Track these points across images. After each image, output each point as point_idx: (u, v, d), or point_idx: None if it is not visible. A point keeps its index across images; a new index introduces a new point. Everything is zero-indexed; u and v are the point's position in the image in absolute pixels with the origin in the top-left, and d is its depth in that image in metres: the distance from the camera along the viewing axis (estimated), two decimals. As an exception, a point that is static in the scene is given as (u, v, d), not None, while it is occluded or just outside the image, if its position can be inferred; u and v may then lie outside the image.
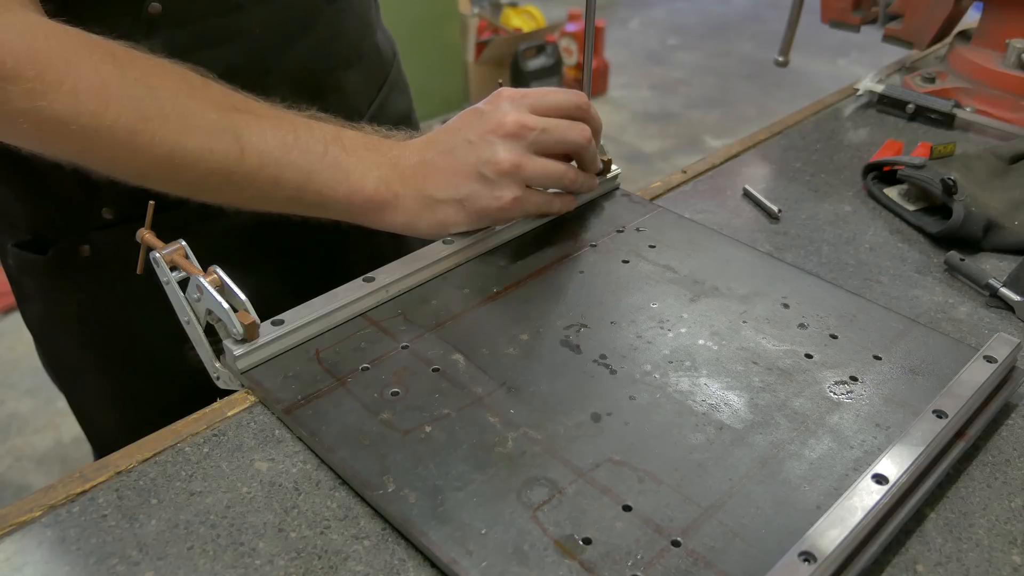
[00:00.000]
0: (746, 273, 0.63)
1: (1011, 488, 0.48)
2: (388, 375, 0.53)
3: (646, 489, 0.45)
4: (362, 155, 0.59)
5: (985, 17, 0.97)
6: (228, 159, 0.55)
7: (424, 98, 0.91)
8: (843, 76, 3.56)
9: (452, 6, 3.05)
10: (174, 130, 0.53)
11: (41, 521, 0.45)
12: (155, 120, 0.52)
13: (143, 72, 0.53)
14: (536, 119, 0.60)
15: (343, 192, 0.58)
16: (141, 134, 0.52)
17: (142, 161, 0.54)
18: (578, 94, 0.63)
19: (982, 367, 0.51)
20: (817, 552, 0.40)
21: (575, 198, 0.68)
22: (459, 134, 0.60)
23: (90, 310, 0.72)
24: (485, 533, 0.42)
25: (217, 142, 0.54)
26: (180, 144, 0.53)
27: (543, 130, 0.60)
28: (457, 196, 0.59)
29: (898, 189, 0.77)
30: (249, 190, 0.57)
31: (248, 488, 0.47)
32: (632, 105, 3.56)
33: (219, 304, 0.51)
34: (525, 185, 0.61)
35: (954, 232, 0.70)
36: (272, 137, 0.56)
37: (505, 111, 0.59)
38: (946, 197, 0.71)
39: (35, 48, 0.49)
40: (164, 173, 0.55)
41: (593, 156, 0.65)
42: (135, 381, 0.76)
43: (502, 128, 0.59)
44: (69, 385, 0.81)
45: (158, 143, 0.53)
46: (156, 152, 0.53)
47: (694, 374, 0.53)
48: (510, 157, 0.58)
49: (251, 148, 0.55)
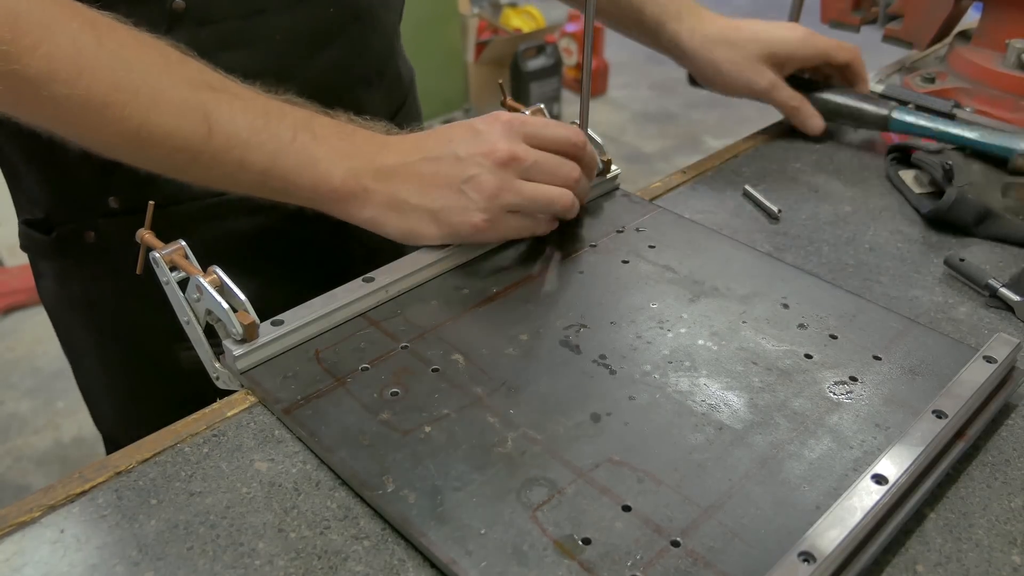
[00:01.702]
0: (746, 273, 0.63)
1: (1011, 488, 0.48)
2: (388, 375, 0.53)
3: (645, 489, 0.45)
4: (333, 143, 0.59)
5: (985, 17, 0.97)
6: (195, 137, 0.54)
7: (424, 98, 0.91)
8: (843, 76, 3.55)
9: (452, 6, 3.05)
10: (144, 104, 0.53)
11: (41, 522, 0.45)
12: (126, 92, 0.52)
13: (120, 43, 0.53)
14: (528, 152, 0.59)
15: (308, 180, 0.58)
16: (112, 106, 0.52)
17: (111, 132, 0.54)
18: (577, 131, 0.63)
19: (982, 367, 0.51)
20: (817, 552, 0.40)
21: (556, 221, 0.67)
22: (449, 146, 0.59)
23: (94, 296, 0.73)
24: (484, 533, 0.42)
25: (186, 120, 0.54)
26: (149, 119, 0.53)
27: (534, 163, 0.59)
28: (431, 207, 0.59)
29: (913, 173, 0.79)
30: (215, 170, 0.56)
31: (248, 488, 0.47)
32: (632, 105, 3.56)
33: (219, 304, 0.51)
34: (506, 211, 0.60)
35: (942, 214, 0.71)
36: (242, 119, 0.56)
37: (499, 137, 0.59)
38: (944, 181, 0.73)
39: (15, 11, 0.49)
40: (133, 147, 0.55)
41: (581, 192, 0.64)
42: (133, 372, 0.77)
43: (493, 155, 0.58)
44: (76, 364, 0.82)
45: (128, 116, 0.53)
46: (126, 125, 0.53)
47: (694, 374, 0.53)
48: (494, 181, 0.58)
49: (219, 128, 0.55)
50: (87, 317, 0.75)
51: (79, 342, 0.79)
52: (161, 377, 0.74)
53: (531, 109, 0.72)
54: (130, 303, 0.71)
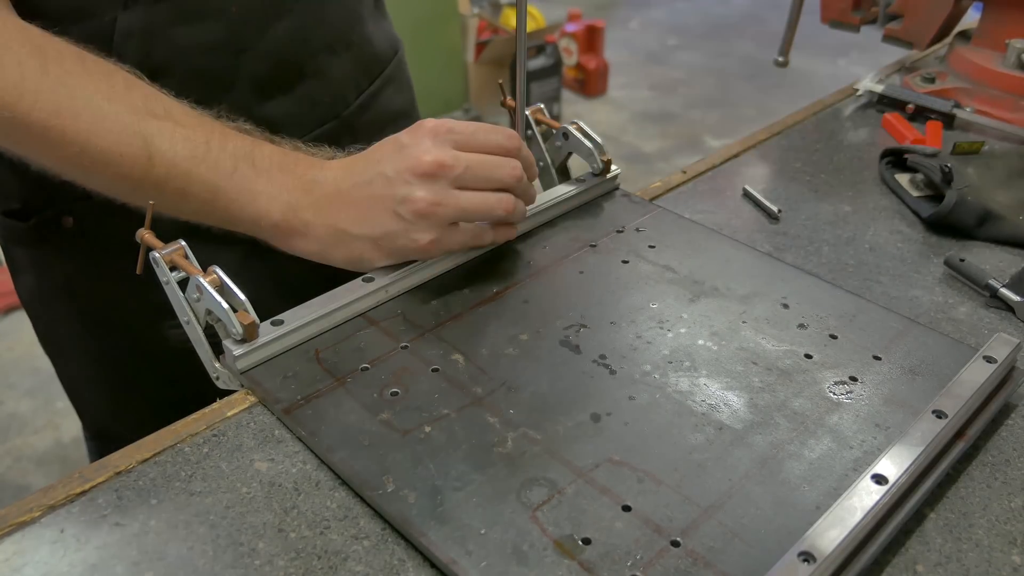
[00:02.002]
0: (746, 273, 0.63)
1: (1011, 488, 0.48)
2: (388, 375, 0.53)
3: (645, 489, 0.45)
4: (274, 176, 0.58)
5: (985, 17, 0.97)
6: (136, 165, 0.55)
7: (424, 98, 0.91)
8: (843, 76, 3.55)
9: (452, 6, 3.05)
10: (84, 129, 0.53)
11: (41, 521, 0.45)
12: (66, 117, 0.53)
13: (66, 70, 0.54)
14: (457, 156, 0.56)
15: (250, 214, 0.57)
16: (52, 129, 0.53)
17: (55, 156, 0.55)
18: (510, 135, 0.59)
19: (982, 367, 0.51)
20: (817, 552, 0.40)
21: (515, 227, 0.64)
22: (376, 166, 0.57)
23: (76, 283, 0.73)
24: (484, 533, 0.42)
25: (126, 147, 0.54)
26: (90, 143, 0.54)
27: (466, 167, 0.56)
28: (372, 234, 0.57)
29: (909, 176, 0.79)
30: (159, 198, 0.56)
31: (248, 488, 0.47)
32: (632, 105, 3.56)
33: (219, 304, 0.51)
34: (449, 223, 0.57)
35: (944, 217, 0.71)
36: (183, 147, 0.56)
37: (425, 148, 0.56)
38: (943, 184, 0.73)
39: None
40: (78, 171, 0.56)
41: (524, 192, 0.61)
42: (119, 358, 0.76)
43: (419, 167, 0.55)
44: (58, 359, 0.82)
45: (69, 140, 0.53)
46: (68, 150, 0.54)
47: (694, 374, 0.53)
48: (427, 197, 0.55)
49: (159, 156, 0.55)
50: (69, 307, 0.75)
51: (61, 335, 0.78)
52: (148, 360, 0.74)
53: (530, 109, 0.72)
54: (112, 286, 0.71)
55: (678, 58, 4.04)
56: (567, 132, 0.71)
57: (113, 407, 0.81)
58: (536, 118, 0.72)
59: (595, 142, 0.71)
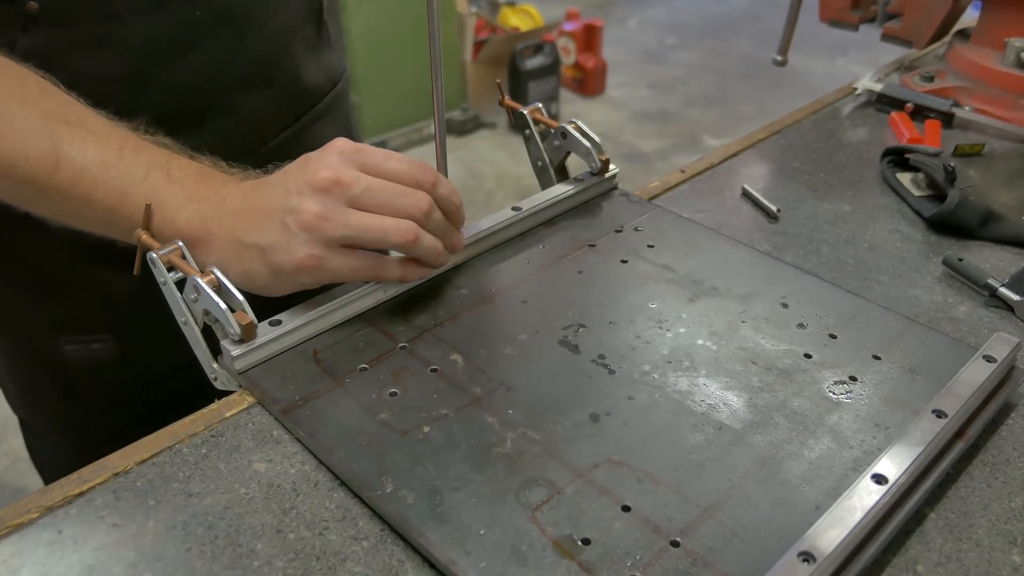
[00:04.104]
0: (745, 273, 0.63)
1: (1011, 488, 0.48)
2: (386, 375, 0.52)
3: (645, 489, 0.45)
4: (187, 185, 0.56)
5: (984, 16, 0.97)
6: (41, 169, 0.53)
7: (422, 98, 0.91)
8: (842, 75, 3.56)
9: (449, 5, 3.05)
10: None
11: (38, 523, 0.44)
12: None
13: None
14: (355, 176, 0.53)
15: (155, 222, 0.55)
16: None
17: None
18: (426, 169, 0.56)
19: (981, 367, 0.51)
20: (816, 552, 0.40)
21: (428, 268, 0.59)
22: (283, 179, 0.55)
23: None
24: (484, 533, 0.42)
25: (33, 149, 0.53)
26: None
27: (365, 189, 0.53)
28: (261, 243, 0.54)
29: (911, 176, 0.79)
30: (61, 205, 0.55)
31: (246, 489, 0.46)
32: (630, 104, 3.56)
33: (216, 304, 0.51)
34: (338, 244, 0.53)
35: (946, 217, 0.71)
36: (93, 153, 0.54)
37: (326, 164, 0.53)
38: (946, 184, 0.73)
39: None
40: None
41: (442, 231, 0.57)
42: (25, 364, 0.76)
43: (315, 181, 0.53)
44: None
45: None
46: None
47: (693, 374, 0.53)
48: (313, 209, 0.52)
49: (67, 161, 0.53)
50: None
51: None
52: (49, 370, 0.73)
53: (529, 108, 0.72)
54: (11, 297, 0.69)
55: (676, 57, 4.04)
56: (565, 131, 0.71)
57: (29, 404, 0.80)
58: (534, 117, 0.72)
59: (593, 141, 0.71)
